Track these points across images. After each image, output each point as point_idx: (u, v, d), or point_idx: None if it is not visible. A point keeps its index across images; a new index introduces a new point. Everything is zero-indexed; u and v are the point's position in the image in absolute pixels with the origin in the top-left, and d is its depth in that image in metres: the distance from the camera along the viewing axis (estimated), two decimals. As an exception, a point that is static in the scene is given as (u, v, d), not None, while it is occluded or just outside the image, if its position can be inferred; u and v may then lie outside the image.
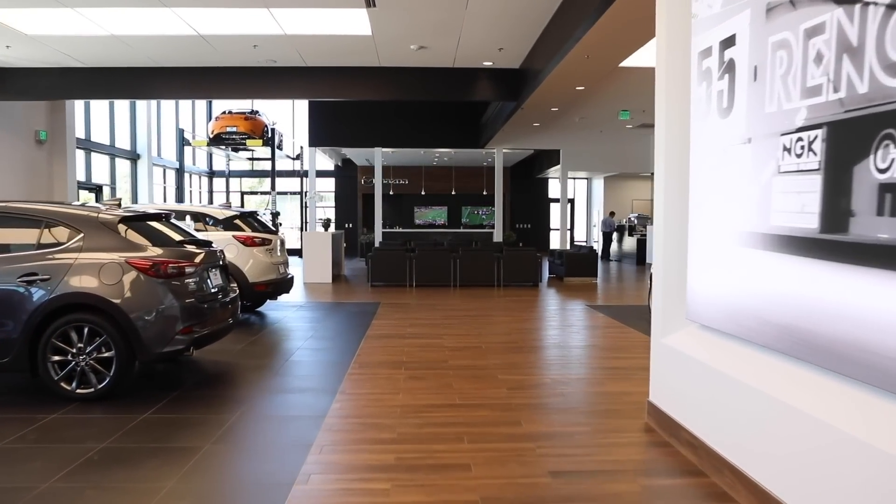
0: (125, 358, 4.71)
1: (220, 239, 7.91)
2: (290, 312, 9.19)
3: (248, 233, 8.12)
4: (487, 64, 10.91)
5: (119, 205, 5.41)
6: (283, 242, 8.85)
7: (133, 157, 17.49)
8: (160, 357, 4.91)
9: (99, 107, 16.01)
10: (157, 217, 5.56)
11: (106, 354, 4.70)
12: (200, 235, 7.83)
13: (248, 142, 18.49)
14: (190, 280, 5.05)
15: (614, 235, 21.84)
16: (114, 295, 4.68)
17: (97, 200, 15.52)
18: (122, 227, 4.98)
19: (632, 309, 9.73)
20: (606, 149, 18.13)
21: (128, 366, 4.77)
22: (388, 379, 5.40)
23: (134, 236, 4.99)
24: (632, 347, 6.95)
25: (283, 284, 8.56)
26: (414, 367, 5.84)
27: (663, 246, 4.16)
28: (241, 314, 8.55)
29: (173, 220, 5.79)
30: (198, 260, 5.25)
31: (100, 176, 16.02)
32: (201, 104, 22.99)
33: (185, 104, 21.36)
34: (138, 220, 5.26)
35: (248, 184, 25.11)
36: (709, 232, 3.62)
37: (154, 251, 4.95)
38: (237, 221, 8.21)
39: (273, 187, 18.62)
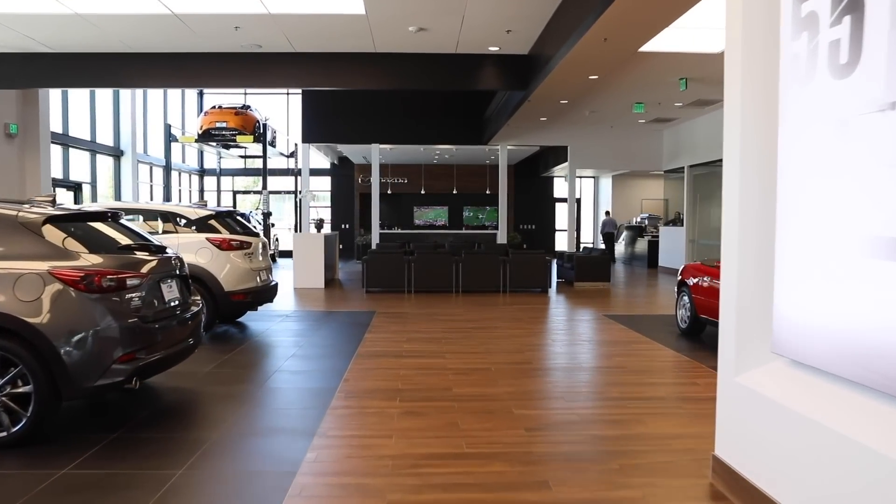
0: (46, 394, 3.75)
1: (193, 242, 6.95)
2: (274, 324, 8.22)
3: (225, 235, 7.15)
4: (493, 49, 9.95)
5: (53, 202, 4.43)
6: (265, 246, 7.89)
7: (116, 153, 16.52)
8: (92, 392, 3.94)
9: (78, 99, 15.06)
10: (99, 216, 4.59)
11: (22, 389, 3.73)
12: (170, 238, 6.88)
13: (239, 138, 17.55)
14: (134, 295, 4.08)
15: (624, 236, 20.89)
16: (31, 314, 3.71)
17: (75, 200, 14.56)
18: (48, 230, 4.01)
19: (654, 319, 8.76)
20: (617, 145, 17.16)
21: (50, 404, 3.80)
22: (378, 415, 4.43)
23: (64, 241, 4.02)
24: (664, 369, 5.99)
25: (265, 293, 7.59)
26: (411, 397, 4.86)
27: (737, 256, 3.18)
28: (220, 326, 7.62)
29: (123, 221, 4.82)
30: (146, 269, 4.28)
31: (79, 173, 15.05)
32: (191, 97, 22.04)
33: (173, 97, 20.41)
34: (73, 221, 4.29)
35: (244, 183, 24.14)
36: (812, 237, 2.65)
37: (89, 259, 3.98)
38: (213, 222, 7.24)
39: (265, 186, 17.65)
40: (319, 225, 13.54)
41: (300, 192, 13.64)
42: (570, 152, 17.17)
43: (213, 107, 18.94)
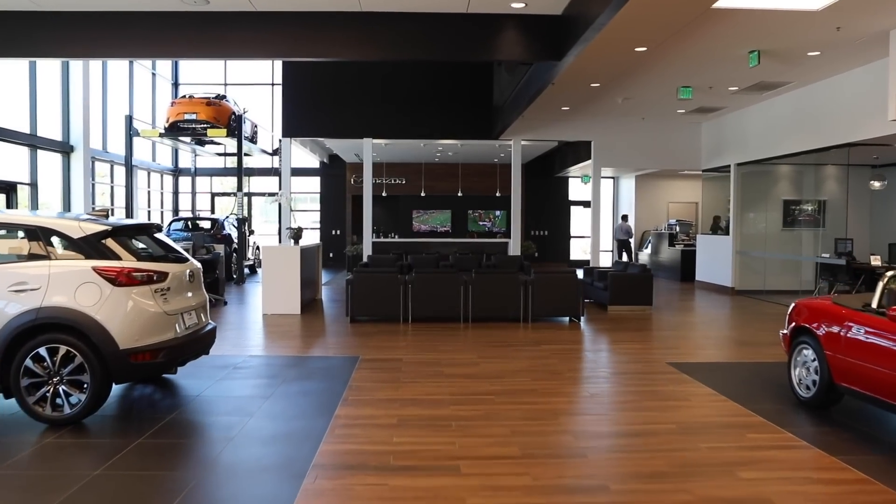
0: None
1: (72, 273, 4.52)
2: (213, 382, 5.82)
3: (125, 263, 4.72)
4: (518, 6, 7.55)
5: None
6: (196, 275, 5.45)
7: (65, 149, 14.11)
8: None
9: (12, 82, 12.66)
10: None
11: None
12: (36, 267, 4.49)
13: (210, 132, 15.16)
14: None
15: (649, 243, 18.46)
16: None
17: (8, 204, 12.14)
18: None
19: (742, 372, 6.34)
20: (648, 140, 14.75)
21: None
22: None
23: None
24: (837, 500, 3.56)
25: (190, 346, 5.13)
26: None
27: None
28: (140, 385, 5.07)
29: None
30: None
31: (14, 172, 12.64)
32: (165, 88, 19.63)
33: (141, 86, 17.99)
34: None
35: (228, 183, 21.62)
36: None
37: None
38: (108, 242, 4.80)
39: (240, 187, 15.25)
40: (297, 235, 11.12)
41: (276, 196, 11.25)
42: (593, 148, 14.76)
43: (183, 96, 16.57)
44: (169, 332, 4.84)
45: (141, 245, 5.22)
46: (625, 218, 18.99)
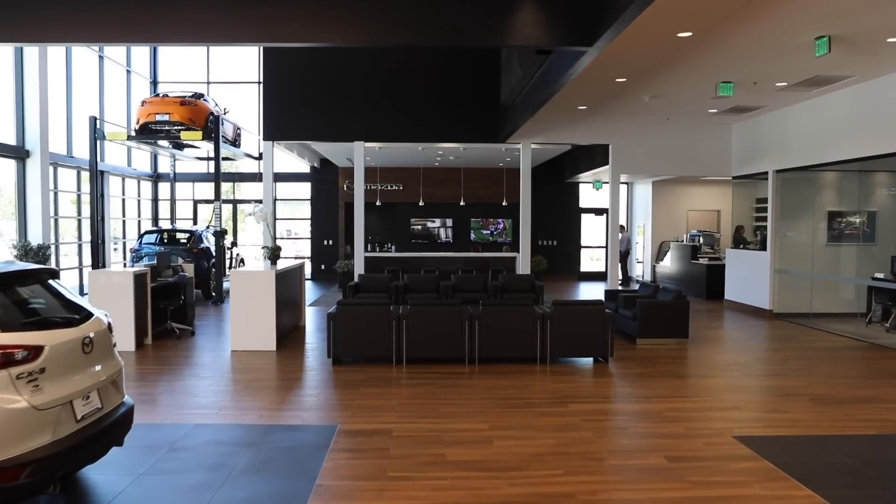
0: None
1: None
2: (135, 477, 4.27)
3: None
4: (538, -22, 6.02)
5: None
6: (96, 340, 3.89)
7: (19, 154, 12.55)
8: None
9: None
10: None
11: None
12: None
13: (185, 134, 13.62)
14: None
15: (669, 256, 16.93)
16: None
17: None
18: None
19: (847, 452, 4.79)
20: (671, 144, 13.22)
21: None
22: None
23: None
24: None
25: (78, 451, 3.57)
26: None
27: None
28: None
29: None
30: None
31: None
32: (141, 86, 18.08)
33: (114, 81, 16.41)
34: None
35: (223, 190, 20.13)
36: None
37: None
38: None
39: (217, 196, 13.70)
40: (275, 255, 9.58)
41: (255, 210, 9.71)
42: (611, 152, 13.22)
43: (157, 95, 15.03)
44: (41, 437, 3.29)
45: (33, 298, 3.67)
46: (622, 229, 17.39)
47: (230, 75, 19.11)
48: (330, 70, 13.05)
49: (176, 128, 13.68)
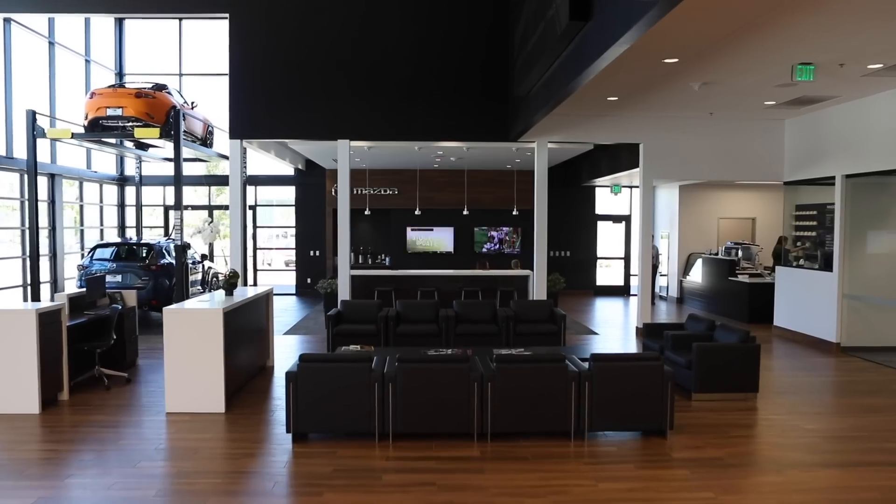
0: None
1: None
2: None
3: None
4: None
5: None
6: None
7: (-60, 155, 10.53)
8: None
9: None
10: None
11: None
12: None
13: (139, 131, 11.58)
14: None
15: (700, 272, 14.91)
16: None
17: None
18: None
19: None
20: (712, 143, 11.21)
21: None
22: None
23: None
24: None
25: None
26: None
27: None
28: None
29: None
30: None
31: None
32: (104, 75, 16.02)
33: (70, 73, 14.35)
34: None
35: (188, 194, 18.05)
36: None
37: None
38: None
39: (178, 205, 11.64)
40: (231, 283, 7.54)
41: (203, 227, 7.70)
42: (642, 153, 11.19)
43: (110, 86, 12.98)
44: None
45: None
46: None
47: (206, 67, 17.05)
48: (309, 57, 11.03)
49: (130, 124, 11.64)
